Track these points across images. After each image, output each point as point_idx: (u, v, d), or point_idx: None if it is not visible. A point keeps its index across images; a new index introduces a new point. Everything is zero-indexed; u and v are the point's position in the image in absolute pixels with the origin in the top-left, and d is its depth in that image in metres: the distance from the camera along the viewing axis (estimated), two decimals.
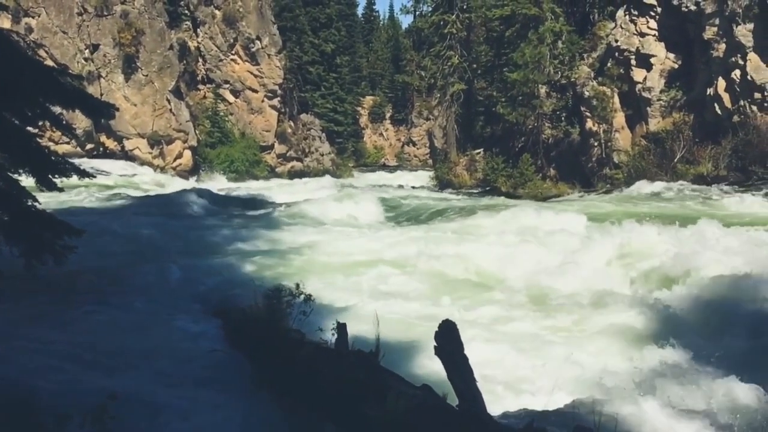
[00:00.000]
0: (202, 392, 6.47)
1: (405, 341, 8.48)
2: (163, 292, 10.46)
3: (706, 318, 9.24)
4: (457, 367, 5.24)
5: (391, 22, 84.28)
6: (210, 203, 22.13)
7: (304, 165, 47.18)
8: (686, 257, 11.46)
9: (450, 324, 5.32)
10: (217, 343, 7.86)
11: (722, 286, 9.98)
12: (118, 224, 16.57)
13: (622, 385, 6.93)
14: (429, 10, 46.95)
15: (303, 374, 6.53)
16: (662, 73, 30.72)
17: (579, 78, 32.96)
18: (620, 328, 9.28)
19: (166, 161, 38.27)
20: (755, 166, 25.76)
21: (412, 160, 67.19)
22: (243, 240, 15.52)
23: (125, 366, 7.00)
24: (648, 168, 28.70)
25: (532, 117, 33.67)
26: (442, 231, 16.73)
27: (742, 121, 26.68)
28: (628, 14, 31.86)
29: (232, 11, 42.67)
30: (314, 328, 6.91)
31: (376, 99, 71.08)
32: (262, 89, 43.99)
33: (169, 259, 12.85)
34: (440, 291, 11.41)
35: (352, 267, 12.91)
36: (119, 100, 36.57)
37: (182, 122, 38.52)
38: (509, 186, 32.19)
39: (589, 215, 16.90)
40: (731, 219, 15.66)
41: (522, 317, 10.09)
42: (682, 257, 11.51)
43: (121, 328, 8.52)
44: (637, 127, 31.53)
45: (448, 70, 41.42)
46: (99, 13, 37.36)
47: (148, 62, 37.68)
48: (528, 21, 33.45)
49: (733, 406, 6.41)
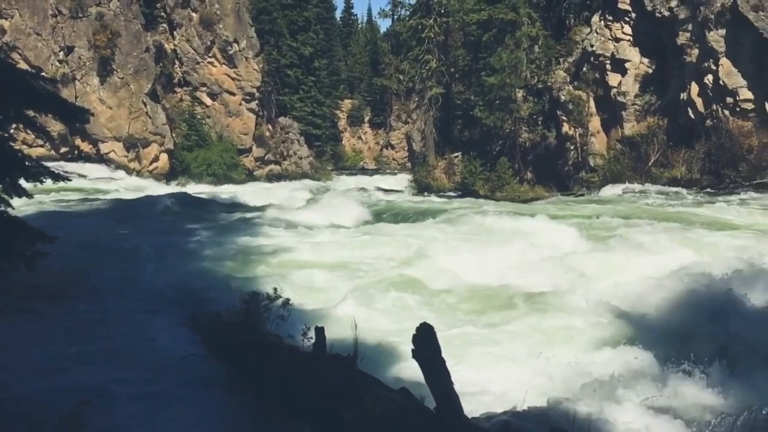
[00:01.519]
0: (177, 397, 6.42)
1: (383, 345, 8.49)
2: (138, 296, 10.36)
3: (674, 318, 9.39)
4: (434, 370, 5.25)
5: (369, 26, 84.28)
6: (186, 207, 21.95)
7: (282, 168, 46.98)
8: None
9: (427, 327, 5.33)
10: (192, 348, 7.80)
11: (687, 286, 10.16)
12: (92, 229, 16.39)
13: (594, 385, 7.01)
14: (407, 14, 47.14)
15: (280, 378, 6.51)
16: (637, 78, 31.15)
17: (555, 82, 33.28)
18: (587, 329, 9.39)
19: (142, 164, 37.90)
20: (728, 169, 26.21)
21: (391, 163, 67.22)
22: (219, 244, 15.41)
23: (98, 371, 6.93)
24: (623, 171, 29.06)
25: (510, 121, 33.91)
26: (420, 234, 16.77)
27: (714, 125, 27.13)
28: (604, 19, 32.27)
29: (209, 14, 42.41)
30: (292, 333, 6.89)
31: (354, 102, 71.06)
32: (240, 92, 43.76)
33: (143, 264, 12.73)
34: (415, 294, 11.43)
35: (330, 270, 12.88)
36: (94, 102, 36.18)
37: (158, 125, 38.18)
38: (487, 189, 32.36)
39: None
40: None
41: (487, 319, 10.16)
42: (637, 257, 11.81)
43: (93, 332, 8.43)
44: (613, 131, 31.91)
45: (426, 74, 41.56)
46: (74, 15, 36.92)
47: (123, 65, 37.30)
48: (505, 26, 33.70)
49: (702, 404, 6.52)
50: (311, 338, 6.56)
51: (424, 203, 26.48)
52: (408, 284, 11.94)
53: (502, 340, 9.11)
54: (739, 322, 8.95)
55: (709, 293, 9.93)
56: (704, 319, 9.19)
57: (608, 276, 11.46)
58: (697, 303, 9.79)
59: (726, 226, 15.80)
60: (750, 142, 25.90)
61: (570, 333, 9.31)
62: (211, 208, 23.08)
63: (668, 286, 10.36)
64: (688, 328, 8.94)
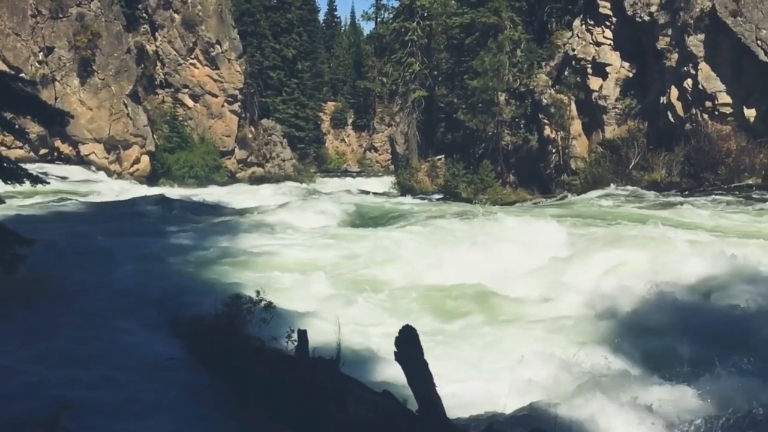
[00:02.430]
0: (159, 401, 6.37)
1: (366, 347, 8.49)
2: (117, 300, 10.25)
3: (653, 319, 9.50)
4: (416, 372, 5.26)
5: (352, 28, 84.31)
6: (167, 209, 21.79)
7: (265, 170, 46.82)
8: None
9: (410, 329, 5.34)
10: (174, 352, 7.74)
11: (668, 288, 10.28)
12: (72, 232, 16.22)
13: (575, 386, 7.06)
14: (390, 17, 47.19)
15: (263, 382, 6.48)
16: (617, 82, 31.45)
17: (537, 86, 33.51)
18: (569, 330, 9.46)
19: (123, 166, 37.58)
20: (707, 172, 26.54)
21: (374, 165, 67.24)
22: (201, 247, 15.31)
23: (78, 375, 6.85)
24: (604, 174, 29.30)
25: (492, 124, 34.08)
26: (402, 235, 16.80)
27: (694, 128, 27.47)
28: (585, 24, 32.55)
29: (191, 15, 42.19)
30: (274, 336, 6.86)
31: (337, 105, 70.99)
32: (222, 94, 43.55)
33: (124, 267, 12.60)
34: (398, 296, 11.45)
35: (313, 273, 12.85)
36: (74, 104, 35.83)
37: (140, 127, 37.89)
38: (470, 192, 32.47)
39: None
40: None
41: (469, 321, 10.20)
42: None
43: (73, 336, 8.33)
44: (594, 134, 32.19)
45: (410, 77, 41.65)
46: (54, 16, 36.54)
47: (104, 66, 36.98)
48: (487, 29, 33.88)
49: (684, 405, 6.59)
50: (294, 341, 6.54)
51: (406, 205, 26.53)
52: (390, 286, 11.96)
53: (483, 342, 9.15)
54: (718, 321, 9.10)
55: (688, 294, 10.07)
56: (684, 319, 9.31)
57: (588, 277, 11.56)
58: (676, 303, 9.93)
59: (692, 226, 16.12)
60: (728, 146, 26.26)
61: (551, 335, 9.37)
62: (192, 210, 22.91)
63: (646, 286, 10.48)
64: (668, 329, 9.04)
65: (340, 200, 26.30)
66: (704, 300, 10.09)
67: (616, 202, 23.39)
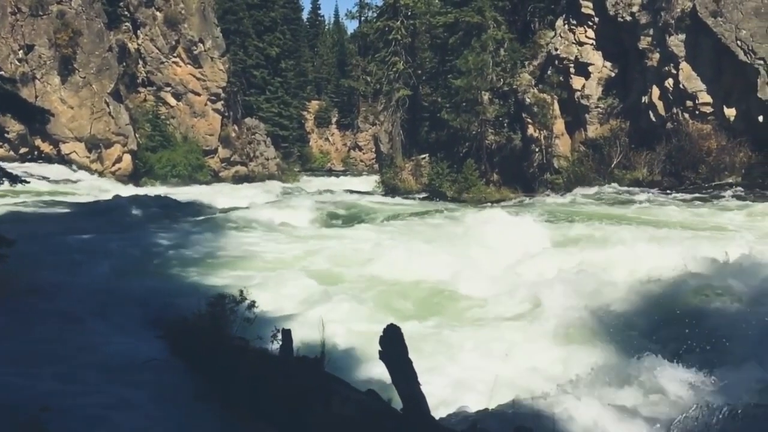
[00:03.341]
0: (140, 403, 6.31)
1: (350, 346, 8.48)
2: (98, 300, 10.11)
3: (637, 315, 9.58)
4: (401, 371, 5.26)
5: (336, 27, 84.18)
6: (150, 209, 21.61)
7: (248, 170, 46.61)
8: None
9: (394, 328, 5.34)
10: (156, 352, 7.67)
11: (650, 284, 10.39)
12: (52, 232, 16.03)
13: (558, 382, 7.10)
14: (374, 16, 47.11)
15: (247, 382, 6.45)
16: (600, 81, 31.68)
17: (520, 85, 33.65)
18: (544, 328, 9.52)
19: (104, 165, 37.23)
20: (687, 171, 26.84)
21: (359, 164, 67.24)
22: (183, 247, 15.21)
23: (58, 376, 6.75)
24: (587, 173, 29.52)
25: (476, 123, 34.17)
26: (386, 234, 16.81)
27: (675, 128, 27.75)
28: (567, 23, 32.75)
29: (174, 13, 41.88)
30: (258, 335, 6.83)
31: (321, 103, 70.90)
32: (205, 92, 43.29)
33: (102, 267, 12.47)
34: (382, 297, 11.45)
35: (297, 272, 12.82)
36: (55, 102, 35.44)
37: (121, 125, 37.55)
38: (454, 191, 32.57)
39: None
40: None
41: (451, 320, 10.23)
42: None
43: (53, 337, 8.21)
44: (576, 133, 32.40)
45: (394, 76, 41.63)
46: (34, 13, 36.11)
47: (85, 64, 36.60)
48: (471, 29, 33.97)
49: (664, 401, 6.65)
50: (279, 341, 6.51)
51: (390, 204, 26.57)
52: (374, 285, 11.95)
53: (465, 341, 9.18)
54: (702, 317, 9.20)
55: (672, 289, 10.17)
56: (667, 315, 9.41)
57: (569, 273, 11.65)
58: (659, 299, 10.03)
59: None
60: (709, 145, 26.56)
61: (534, 331, 9.42)
62: (174, 210, 22.73)
63: (630, 282, 10.58)
64: (651, 325, 9.12)
65: (323, 199, 26.27)
66: (677, 295, 10.19)
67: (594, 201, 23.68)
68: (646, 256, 11.86)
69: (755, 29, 25.68)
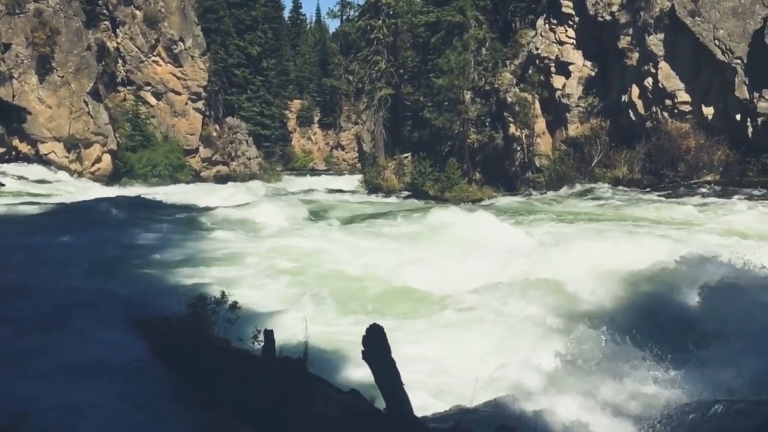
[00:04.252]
0: (122, 406, 6.25)
1: (333, 347, 8.45)
2: (79, 302, 9.97)
3: (618, 312, 9.66)
4: (384, 371, 5.26)
5: (318, 26, 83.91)
6: (130, 210, 21.34)
7: (230, 169, 46.34)
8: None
9: (377, 328, 5.33)
10: (138, 354, 7.60)
11: (631, 280, 10.48)
12: (30, 234, 15.81)
13: (542, 380, 7.14)
14: (356, 15, 47.05)
15: (229, 383, 6.41)
16: (580, 80, 31.91)
17: (502, 84, 33.79)
18: (532, 325, 9.57)
19: (83, 166, 36.80)
20: (666, 169, 27.13)
21: (341, 164, 67.10)
22: (164, 247, 15.06)
23: (36, 380, 6.66)
24: (568, 172, 29.72)
25: (458, 122, 34.26)
26: (369, 235, 16.80)
27: (654, 126, 28.04)
28: (548, 23, 32.94)
29: (153, 11, 41.50)
30: (240, 336, 6.79)
31: (303, 103, 70.64)
32: (186, 92, 42.96)
33: (85, 269, 12.32)
34: (366, 295, 11.44)
35: (278, 273, 12.77)
36: (33, 101, 34.98)
37: (101, 125, 37.14)
38: (436, 190, 32.64)
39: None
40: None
41: (432, 317, 10.25)
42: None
43: (31, 339, 8.10)
44: (557, 132, 32.62)
45: (376, 75, 41.62)
46: (10, 11, 35.56)
47: (64, 63, 36.15)
48: (452, 28, 34.05)
49: (646, 398, 6.71)
50: (261, 341, 6.48)
51: (374, 203, 26.56)
52: (355, 286, 11.93)
53: (447, 339, 9.19)
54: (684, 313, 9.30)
55: (656, 286, 10.26)
56: (652, 311, 9.50)
57: (553, 270, 11.71)
58: (644, 296, 10.12)
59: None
60: (687, 143, 26.87)
61: (517, 328, 9.46)
62: (155, 210, 22.50)
63: (616, 278, 10.66)
64: (635, 322, 9.19)
65: (304, 199, 26.19)
66: (656, 291, 10.29)
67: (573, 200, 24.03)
68: (606, 252, 12.04)
69: (732, 29, 26.02)
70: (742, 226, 16.61)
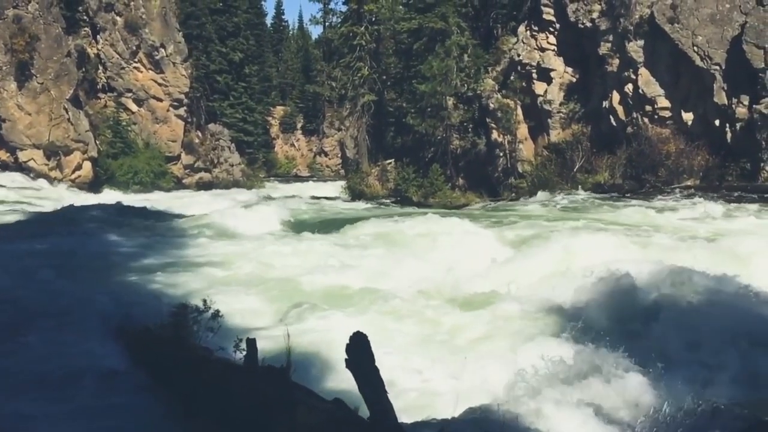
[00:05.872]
0: (102, 414, 6.15)
1: (317, 355, 8.40)
2: (56, 311, 9.80)
3: (602, 316, 9.70)
4: (367, 379, 5.22)
5: (300, 32, 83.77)
6: (111, 217, 21.14)
7: (212, 176, 46.07)
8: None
9: (361, 336, 5.30)
10: (118, 364, 7.50)
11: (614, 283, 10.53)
12: (5, 240, 15.59)
13: (526, 385, 7.13)
14: (338, 22, 47.08)
15: (211, 393, 6.34)
16: (561, 87, 32.15)
17: (484, 90, 33.95)
18: (516, 329, 9.58)
19: (64, 173, 36.41)
20: (647, 174, 27.38)
21: (325, 170, 66.99)
22: (146, 255, 14.90)
23: (12, 392, 6.54)
24: (550, 177, 29.89)
25: (441, 128, 34.34)
26: (352, 240, 16.75)
27: (635, 132, 28.30)
28: (530, 30, 33.18)
29: (134, 18, 41.25)
30: (222, 345, 6.72)
31: (286, 109, 70.49)
32: (167, 98, 42.70)
33: (63, 278, 12.14)
34: (351, 302, 11.39)
35: (261, 281, 12.68)
36: (11, 109, 34.63)
37: (81, 132, 36.79)
38: (420, 196, 32.69)
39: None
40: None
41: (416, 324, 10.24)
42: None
43: (7, 350, 7.95)
44: (540, 138, 32.81)
45: (359, 81, 41.62)
46: None
47: (43, 69, 35.79)
48: (435, 34, 34.15)
49: (631, 401, 6.73)
50: (243, 350, 6.42)
51: (357, 210, 26.51)
52: (339, 293, 11.88)
53: (431, 344, 9.17)
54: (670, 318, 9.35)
55: (639, 289, 10.31)
56: (635, 316, 9.54)
57: (536, 275, 11.75)
58: (627, 299, 10.16)
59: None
60: (668, 148, 27.14)
61: (499, 333, 9.45)
62: (136, 218, 22.27)
63: (598, 282, 10.69)
64: (619, 326, 9.23)
65: (287, 206, 26.04)
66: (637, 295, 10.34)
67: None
68: (583, 251, 12.20)
69: (711, 35, 26.35)
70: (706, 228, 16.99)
